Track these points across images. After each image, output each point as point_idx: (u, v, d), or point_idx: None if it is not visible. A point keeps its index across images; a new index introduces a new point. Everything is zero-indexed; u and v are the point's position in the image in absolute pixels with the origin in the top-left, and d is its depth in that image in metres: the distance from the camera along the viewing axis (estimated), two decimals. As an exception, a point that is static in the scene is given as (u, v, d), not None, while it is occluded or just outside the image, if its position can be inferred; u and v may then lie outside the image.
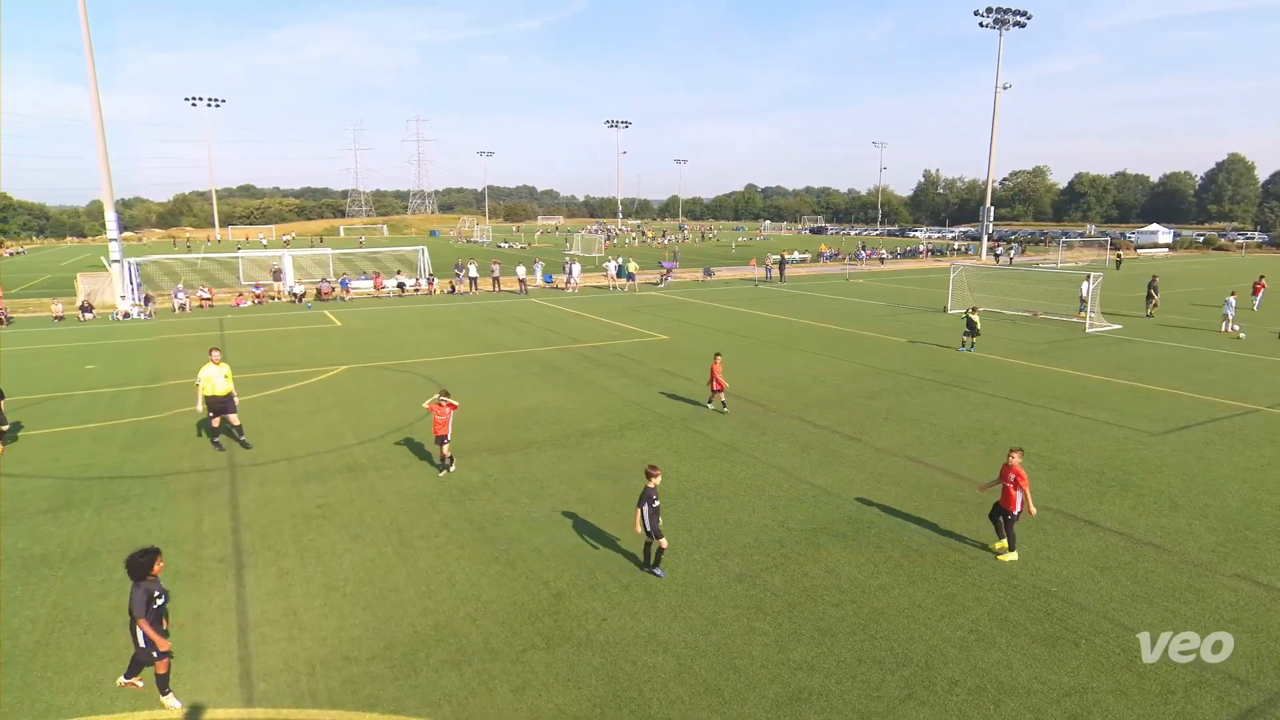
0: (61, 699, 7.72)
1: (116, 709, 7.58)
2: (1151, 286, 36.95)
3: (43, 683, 7.98)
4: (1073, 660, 8.32)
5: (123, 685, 7.99)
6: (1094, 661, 8.29)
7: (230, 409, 15.79)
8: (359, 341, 29.26)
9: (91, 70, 38.02)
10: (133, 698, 7.75)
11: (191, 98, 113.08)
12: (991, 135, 77.29)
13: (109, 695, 7.79)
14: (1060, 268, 59.39)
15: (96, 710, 7.57)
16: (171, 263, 64.10)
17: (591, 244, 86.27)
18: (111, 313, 38.22)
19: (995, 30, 71.90)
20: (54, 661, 8.35)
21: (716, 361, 18.35)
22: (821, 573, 10.32)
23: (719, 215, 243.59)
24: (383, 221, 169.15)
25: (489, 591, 9.85)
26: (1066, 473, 14.13)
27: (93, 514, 12.42)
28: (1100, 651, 8.47)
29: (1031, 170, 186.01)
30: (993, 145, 78.09)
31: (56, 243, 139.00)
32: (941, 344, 27.62)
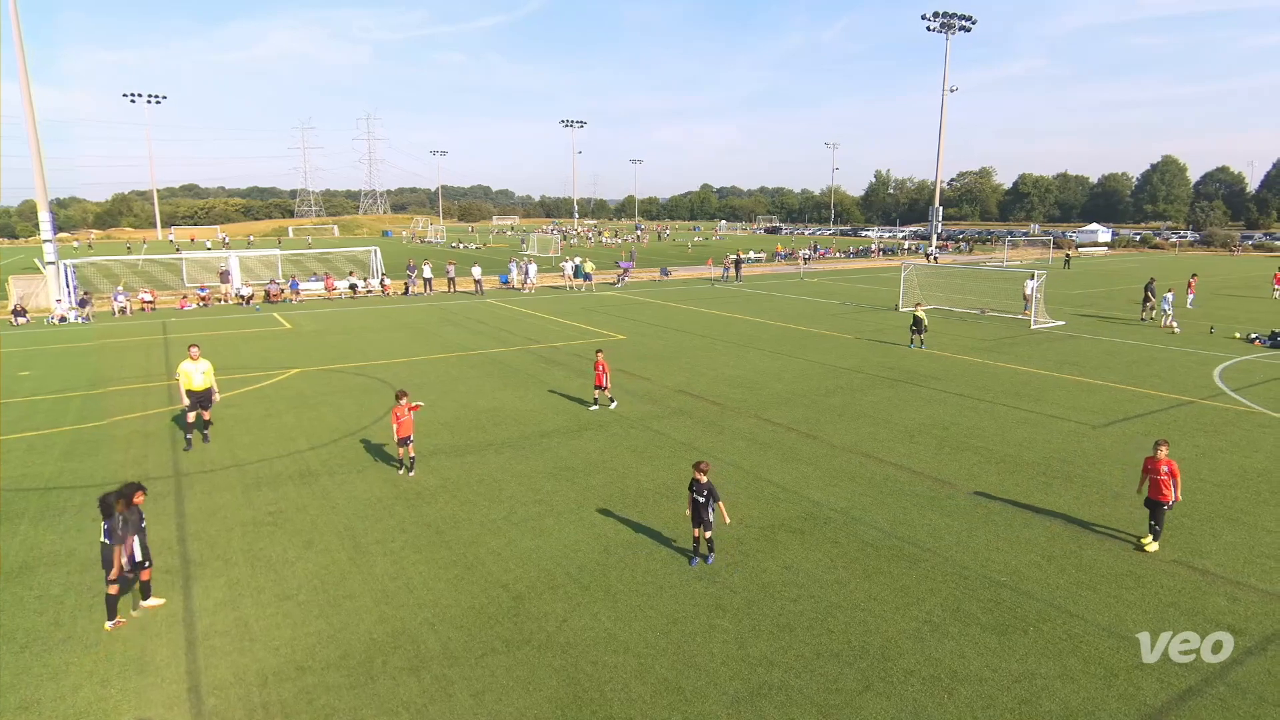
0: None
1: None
2: (1149, 289, 34.40)
3: (-24, 704, 7.63)
4: (1022, 647, 8.56)
5: (111, 629, 8.89)
6: (1042, 648, 8.55)
7: (207, 405, 15.96)
8: (311, 344, 28.63)
9: (22, 64, 36.48)
10: (75, 717, 7.45)
11: (130, 94, 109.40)
12: (939, 137, 79.13)
13: (48, 715, 7.48)
14: (1006, 266, 61.07)
15: (35, 731, 7.27)
16: (111, 264, 61.84)
17: (547, 244, 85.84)
18: (47, 316, 36.71)
19: (942, 34, 73.63)
20: (-12, 682, 7.98)
21: (600, 358, 18.48)
22: (779, 569, 10.44)
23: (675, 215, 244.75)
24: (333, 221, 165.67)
25: (447, 596, 9.73)
26: (1014, 465, 14.54)
27: (28, 526, 11.92)
28: (1048, 638, 8.74)
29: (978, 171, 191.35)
30: (940, 147, 79.97)
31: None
32: (893, 341, 28.17)
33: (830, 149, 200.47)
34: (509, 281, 50.59)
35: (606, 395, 18.55)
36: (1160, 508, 10.93)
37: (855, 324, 33.10)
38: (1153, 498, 11.03)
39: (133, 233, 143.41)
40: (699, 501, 10.34)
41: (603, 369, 18.31)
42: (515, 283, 49.94)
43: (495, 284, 50.15)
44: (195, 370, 15.76)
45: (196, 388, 15.77)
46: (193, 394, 15.77)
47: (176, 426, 17.33)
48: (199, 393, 15.82)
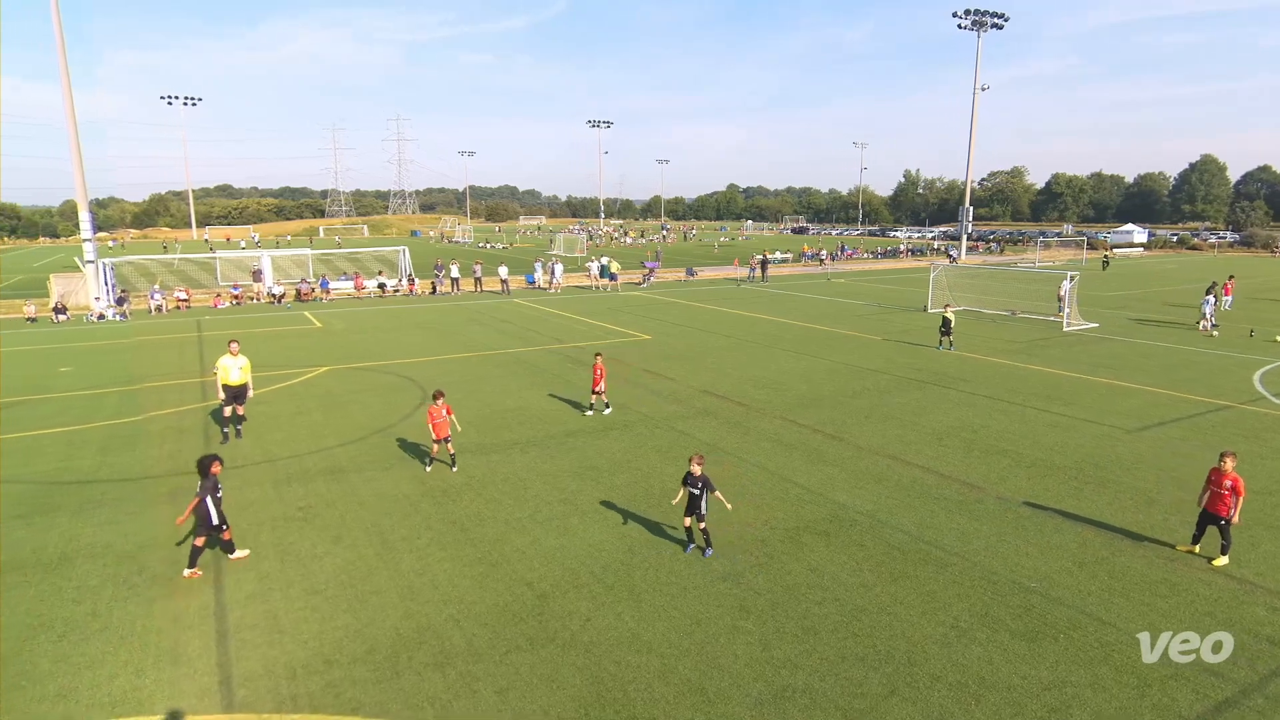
0: (36, 708, 7.59)
1: (93, 717, 7.46)
2: (1210, 292, 32.28)
3: (15, 691, 7.84)
4: (1052, 655, 8.42)
5: (187, 577, 10.13)
6: (1073, 656, 8.40)
7: (241, 400, 16.33)
8: (340, 342, 29.02)
9: (64, 67, 37.40)
10: (110, 705, 7.63)
11: (168, 96, 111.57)
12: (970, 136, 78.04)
13: (85, 703, 7.67)
14: (1038, 267, 60.09)
15: (73, 718, 7.45)
16: (148, 263, 63.19)
17: (574, 244, 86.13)
18: (86, 314, 37.61)
19: (973, 32, 72.63)
20: (28, 670, 8.20)
21: (598, 361, 18.18)
22: (804, 571, 10.37)
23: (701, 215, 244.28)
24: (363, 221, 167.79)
25: (472, 593, 9.81)
26: (1045, 469, 14.30)
27: (67, 519, 12.22)
28: (1079, 646, 8.58)
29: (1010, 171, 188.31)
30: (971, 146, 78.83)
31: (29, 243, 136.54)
32: (921, 343, 27.85)
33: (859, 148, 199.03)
34: (535, 281, 50.83)
35: (602, 400, 18.13)
36: (1219, 522, 10.49)
37: (882, 325, 32.78)
38: (1209, 510, 10.59)
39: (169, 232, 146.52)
40: (694, 494, 10.59)
41: (600, 372, 17.93)
42: (541, 283, 50.17)
43: (521, 284, 50.42)
44: (234, 365, 16.19)
45: (233, 383, 16.17)
46: (229, 388, 16.16)
47: (213, 421, 17.68)
48: (235, 387, 16.20)
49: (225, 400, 16.25)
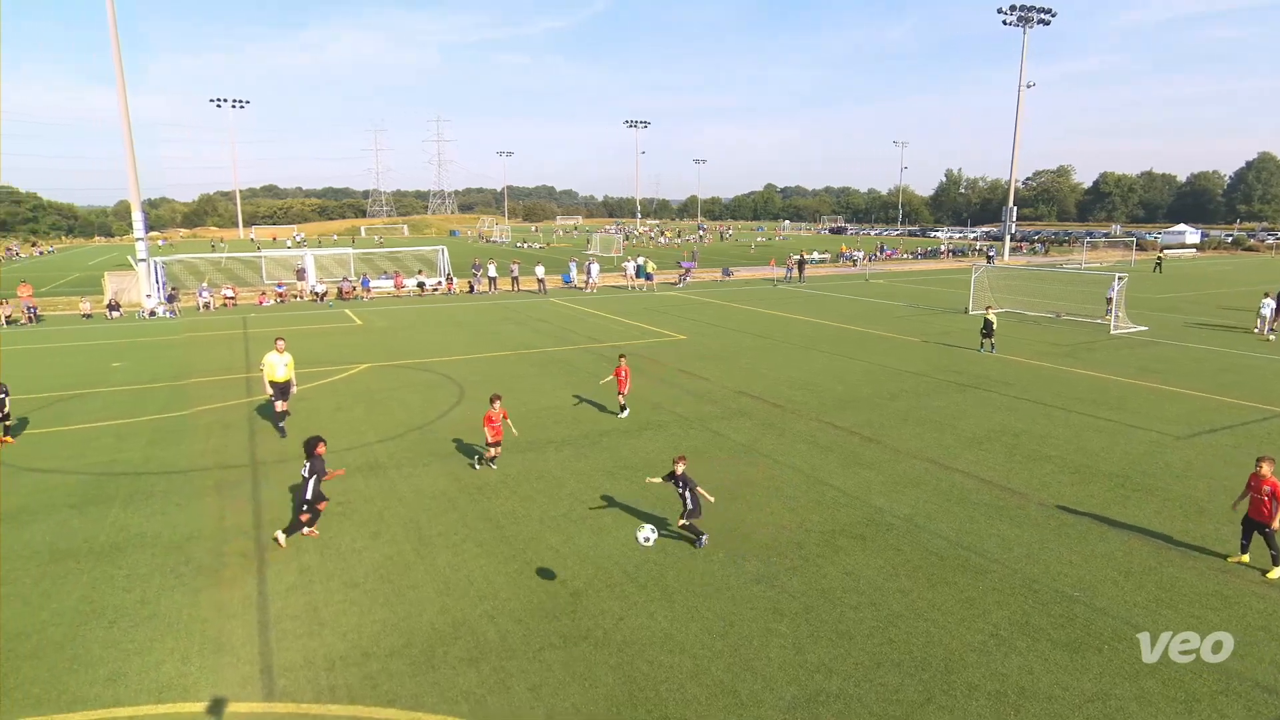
0: (88, 691, 7.85)
1: (141, 701, 7.70)
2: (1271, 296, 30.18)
3: (69, 675, 8.12)
4: (1095, 666, 8.21)
5: (283, 544, 11.06)
6: (1117, 668, 8.18)
7: (285, 396, 16.70)
8: (380, 340, 29.50)
9: (119, 72, 38.63)
10: (157, 690, 7.86)
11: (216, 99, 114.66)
12: (1015, 134, 76.44)
13: (134, 688, 7.91)
14: (1084, 268, 58.61)
15: (122, 702, 7.69)
16: (196, 261, 64.98)
17: (610, 244, 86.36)
18: (138, 311, 38.81)
19: (1019, 28, 71.13)
20: (80, 654, 8.49)
21: (622, 363, 17.91)
22: (840, 575, 10.26)
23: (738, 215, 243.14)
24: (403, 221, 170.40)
25: (506, 590, 9.90)
26: (1089, 475, 13.95)
27: (118, 509, 12.62)
28: (1124, 658, 8.35)
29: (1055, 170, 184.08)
30: (1015, 144, 77.24)
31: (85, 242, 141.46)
32: (962, 345, 27.36)
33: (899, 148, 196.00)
34: (571, 281, 51.08)
35: (619, 402, 17.93)
36: (1264, 530, 10.18)
37: (922, 327, 32.27)
38: (1251, 517, 10.34)
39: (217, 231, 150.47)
40: (679, 493, 11.05)
41: (624, 374, 17.69)
42: (577, 282, 50.40)
43: (558, 283, 50.72)
44: (279, 362, 16.56)
45: (279, 379, 16.55)
46: (275, 385, 16.55)
47: (259, 416, 18.11)
48: (280, 384, 16.58)
49: (274, 396, 16.64)
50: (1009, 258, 77.09)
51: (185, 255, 68.28)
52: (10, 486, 13.68)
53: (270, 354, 16.70)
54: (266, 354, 16.82)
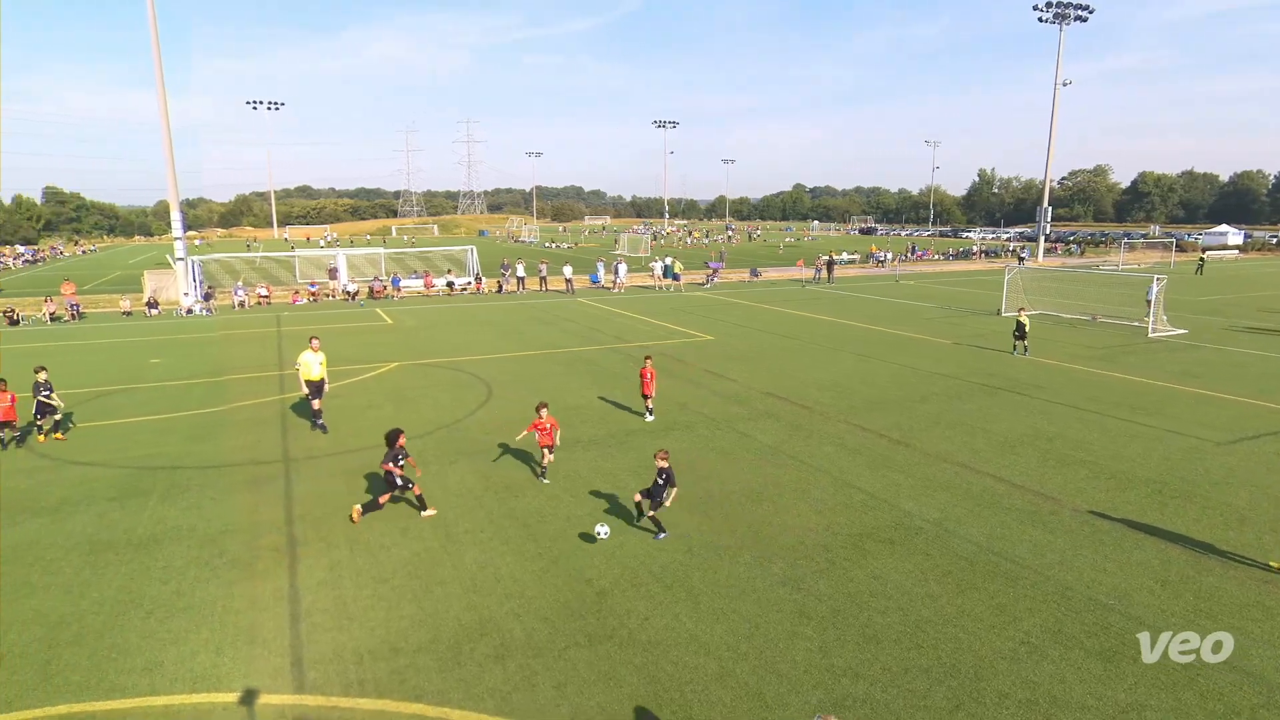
0: (125, 679, 8.04)
1: (176, 691, 7.87)
2: None
3: (108, 663, 8.33)
4: (1131, 676, 8.03)
5: (357, 520, 11.83)
6: (1153, 679, 7.99)
7: (319, 394, 16.96)
8: (410, 339, 29.84)
9: (159, 76, 39.52)
10: (192, 680, 8.02)
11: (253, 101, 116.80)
12: (1050, 133, 75.16)
13: (169, 677, 8.09)
14: (1121, 270, 57.42)
15: (158, 691, 7.86)
16: (232, 261, 66.24)
17: (638, 244, 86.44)
18: (176, 309, 39.68)
19: (1055, 25, 69.90)
20: (119, 643, 8.70)
21: (647, 364, 17.72)
22: (867, 578, 10.16)
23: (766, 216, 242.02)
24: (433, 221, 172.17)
25: (532, 588, 9.95)
26: (1125, 481, 13.65)
27: (156, 502, 12.91)
28: (1160, 668, 8.16)
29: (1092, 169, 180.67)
30: (1051, 143, 75.93)
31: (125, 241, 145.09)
32: (994, 348, 26.94)
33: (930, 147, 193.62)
34: (599, 281, 51.21)
35: (648, 406, 17.76)
36: None
37: (953, 329, 31.84)
38: None
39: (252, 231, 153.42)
40: (658, 484, 11.31)
41: (650, 376, 17.50)
42: (605, 282, 50.51)
43: (586, 283, 50.88)
44: (314, 361, 16.81)
45: (314, 377, 16.82)
46: (310, 383, 16.81)
47: (296, 413, 18.42)
48: (315, 382, 16.85)
49: (310, 395, 16.90)
50: (1043, 259, 75.79)
51: (221, 254, 69.63)
52: (54, 479, 14.06)
53: (305, 353, 16.96)
54: (301, 353, 17.06)
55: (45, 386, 16.26)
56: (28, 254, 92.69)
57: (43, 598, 9.71)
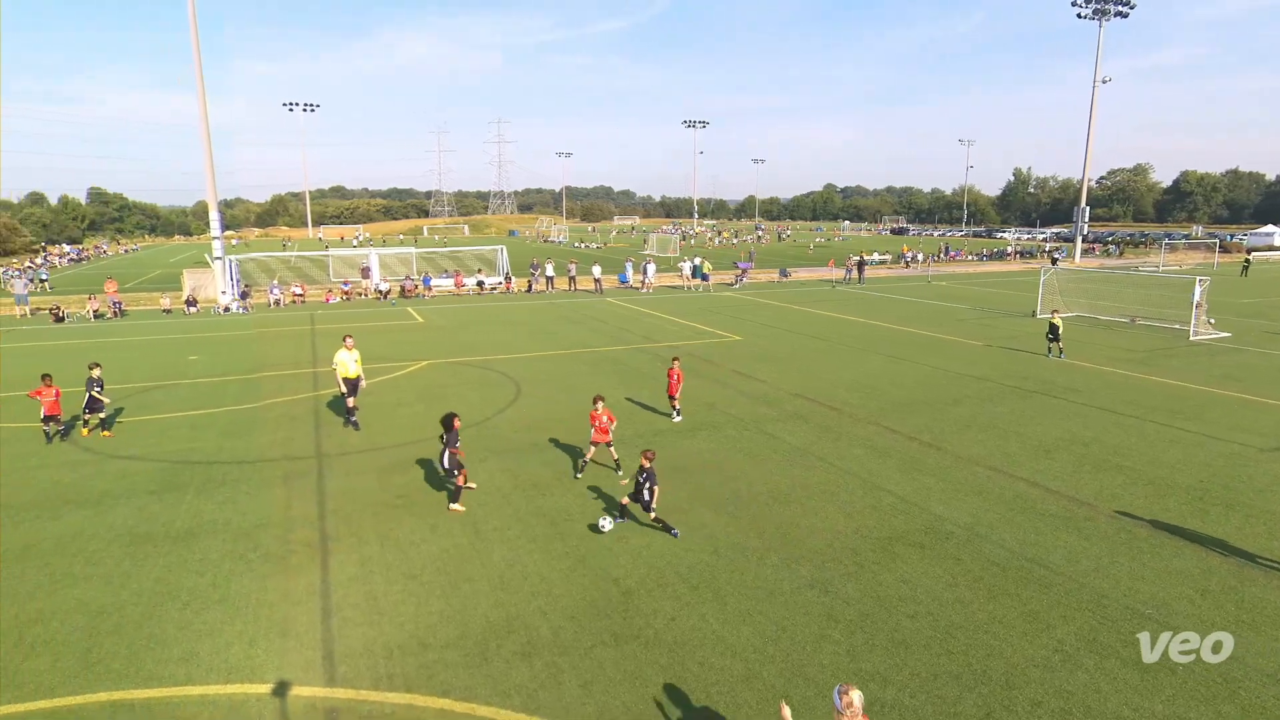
0: (162, 669, 8.23)
1: (211, 681, 8.04)
2: None
3: (146, 652, 8.53)
4: (1169, 687, 7.84)
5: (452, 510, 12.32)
6: (1192, 690, 7.80)
7: (354, 391, 17.21)
8: (440, 338, 30.14)
9: (200, 79, 40.38)
10: (226, 671, 8.19)
11: (289, 103, 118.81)
12: (1088, 132, 73.68)
13: (204, 668, 8.26)
14: (1161, 271, 56.08)
15: (194, 681, 8.04)
16: (268, 260, 67.47)
17: (666, 244, 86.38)
18: (213, 306, 40.52)
19: (1094, 21, 68.48)
20: (156, 633, 8.91)
21: (674, 365, 17.57)
22: (896, 583, 10.05)
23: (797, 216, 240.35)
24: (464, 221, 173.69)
25: (559, 586, 10.00)
26: (1164, 488, 13.33)
27: (193, 496, 13.20)
28: (1199, 680, 7.96)
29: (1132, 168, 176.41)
30: (1089, 142, 74.46)
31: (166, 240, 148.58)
32: (1028, 350, 26.47)
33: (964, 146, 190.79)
34: (627, 281, 51.28)
35: (675, 407, 17.64)
36: None
37: (986, 330, 31.34)
38: None
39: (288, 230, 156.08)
40: (639, 483, 11.47)
41: (677, 377, 17.39)
42: (634, 282, 50.56)
43: (614, 283, 50.97)
44: (349, 359, 17.08)
45: (350, 375, 17.08)
46: (346, 381, 17.07)
47: (329, 410, 18.72)
48: (352, 380, 17.10)
49: (346, 393, 17.13)
50: (1080, 260, 74.31)
51: (258, 254, 70.94)
52: (97, 472, 14.45)
53: (340, 351, 17.20)
54: (337, 352, 17.29)
55: (97, 383, 16.67)
56: (73, 253, 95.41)
57: (85, 588, 9.98)
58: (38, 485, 13.73)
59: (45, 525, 11.97)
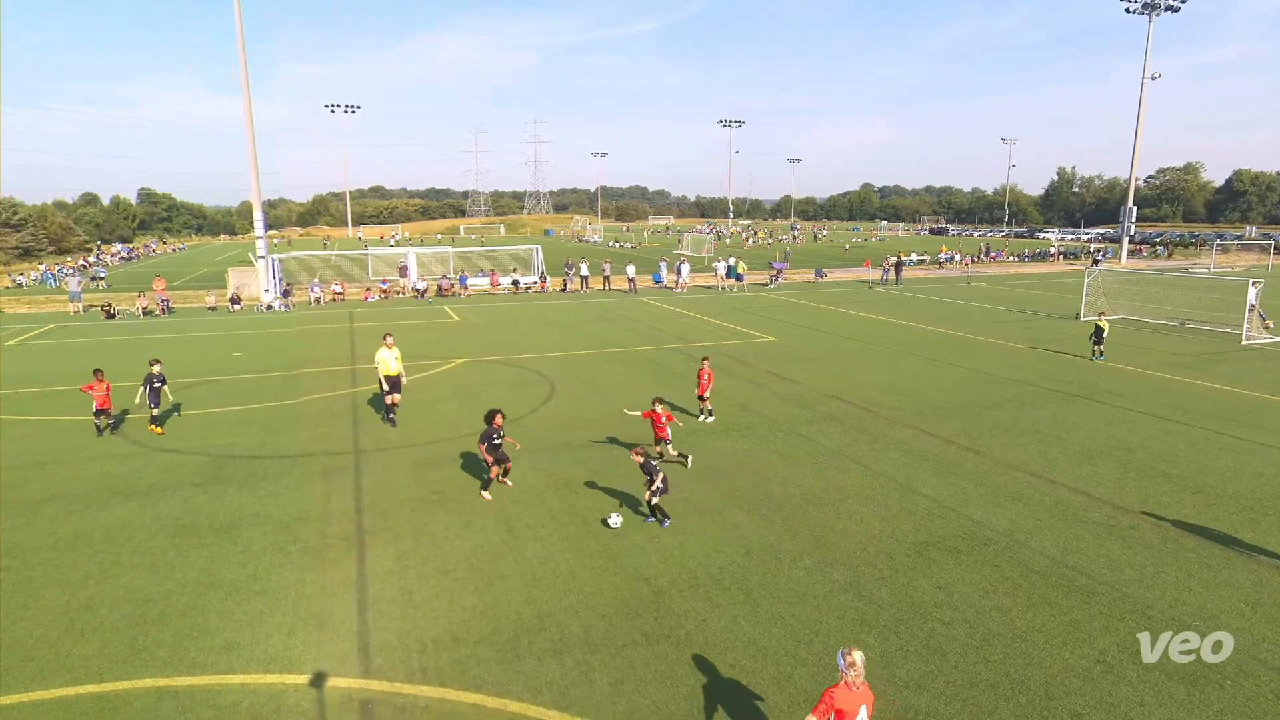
0: (205, 658, 8.45)
1: (251, 670, 8.22)
2: None
3: (189, 641, 8.76)
4: (1216, 702, 7.60)
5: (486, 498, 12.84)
6: (1240, 705, 7.55)
7: (397, 389, 17.41)
8: (475, 336, 30.44)
9: (245, 84, 41.35)
10: (265, 661, 8.37)
11: (331, 105, 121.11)
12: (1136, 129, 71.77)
13: (245, 658, 8.46)
14: (1212, 273, 54.37)
15: (234, 670, 8.23)
16: (309, 259, 68.80)
17: (701, 244, 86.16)
18: (256, 304, 41.44)
19: (1144, 15, 66.67)
20: (199, 623, 9.14)
21: (704, 365, 17.41)
22: (932, 588, 9.89)
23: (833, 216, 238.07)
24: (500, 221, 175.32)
25: (591, 584, 10.03)
26: (1214, 497, 12.92)
27: (235, 490, 13.52)
28: (1249, 695, 7.70)
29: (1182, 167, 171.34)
30: (1137, 140, 72.48)
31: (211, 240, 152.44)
32: (1071, 353, 25.85)
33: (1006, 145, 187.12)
34: (661, 280, 51.25)
35: (706, 408, 17.53)
36: None
37: (1027, 333, 30.69)
38: None
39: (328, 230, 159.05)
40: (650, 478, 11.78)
41: (708, 377, 17.28)
42: (668, 282, 50.52)
43: (648, 283, 50.99)
44: (390, 356, 17.34)
45: (391, 372, 17.34)
46: (387, 378, 17.32)
47: (366, 406, 19.04)
48: (392, 377, 17.35)
49: (386, 390, 17.37)
50: (1126, 261, 72.39)
51: (299, 253, 72.38)
52: (144, 464, 14.88)
53: (381, 350, 17.45)
54: (377, 350, 17.55)
55: (159, 379, 17.11)
56: (124, 251, 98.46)
57: (132, 576, 10.28)
58: (89, 476, 14.19)
59: (96, 515, 12.36)
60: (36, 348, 28.90)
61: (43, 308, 41.90)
